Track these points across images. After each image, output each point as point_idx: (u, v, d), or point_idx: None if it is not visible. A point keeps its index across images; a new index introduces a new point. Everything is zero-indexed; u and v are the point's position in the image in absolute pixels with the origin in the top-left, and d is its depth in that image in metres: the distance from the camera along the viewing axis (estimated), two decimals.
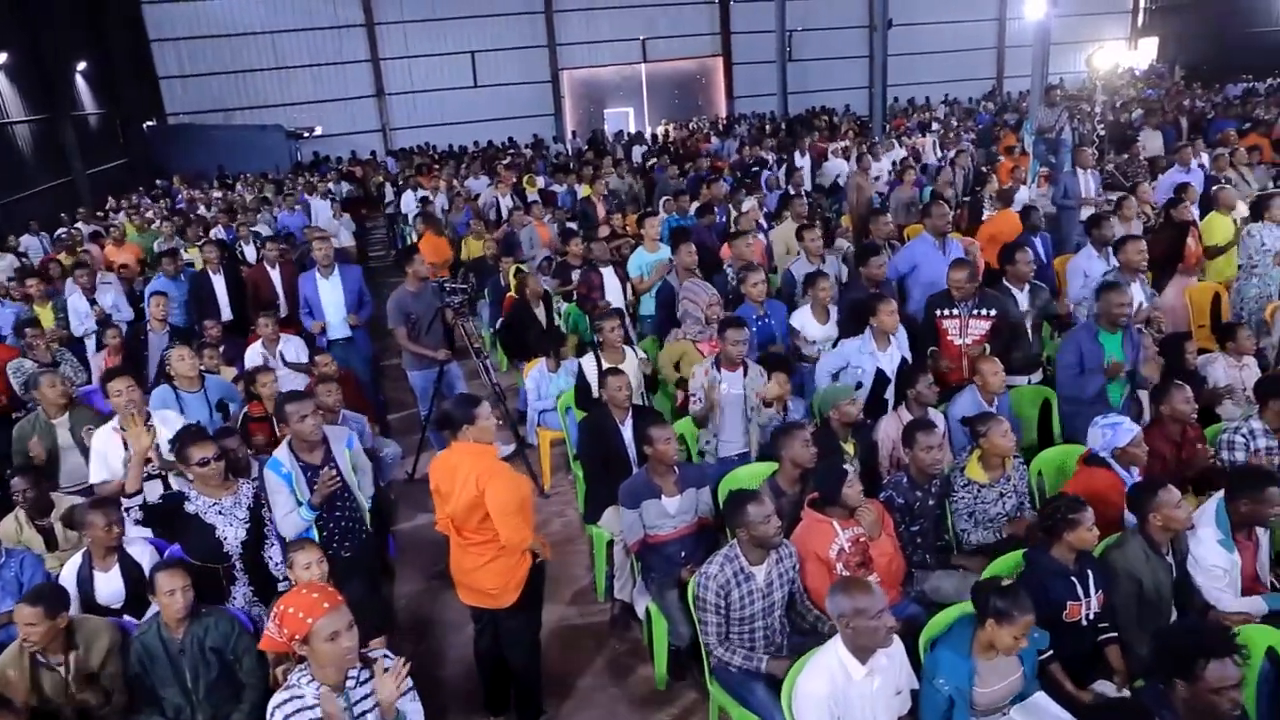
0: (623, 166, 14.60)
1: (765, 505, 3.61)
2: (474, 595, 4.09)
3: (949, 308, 5.56)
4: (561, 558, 5.93)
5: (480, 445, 3.93)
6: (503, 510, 3.77)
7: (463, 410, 3.93)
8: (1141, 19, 33.26)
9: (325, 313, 7.38)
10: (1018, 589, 3.21)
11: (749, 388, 5.08)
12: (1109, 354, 5.05)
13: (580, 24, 27.35)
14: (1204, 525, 3.89)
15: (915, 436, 4.21)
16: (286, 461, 4.18)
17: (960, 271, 5.46)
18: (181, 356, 5.48)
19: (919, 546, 4.26)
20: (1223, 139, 12.52)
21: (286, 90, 25.65)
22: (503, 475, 3.85)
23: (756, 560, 3.69)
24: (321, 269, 7.45)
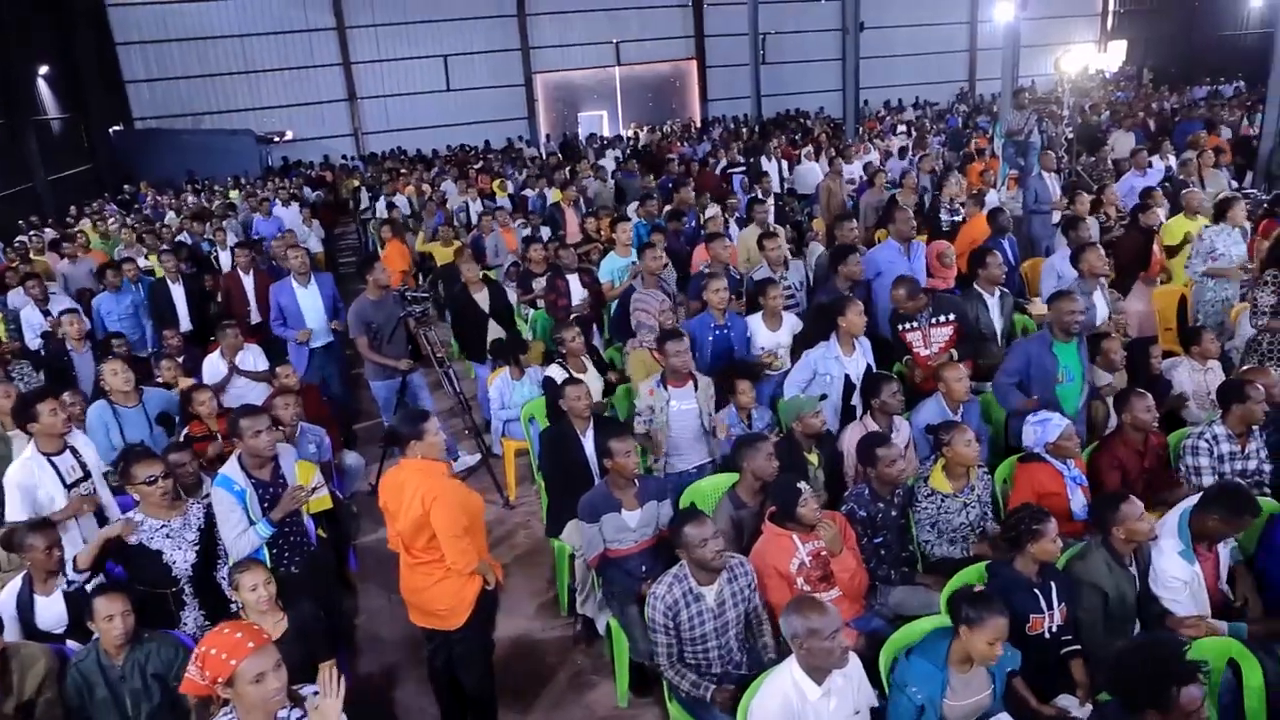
0: (602, 170, 14.48)
1: (704, 528, 3.51)
2: (424, 616, 3.99)
3: (908, 321, 5.54)
4: (526, 570, 5.85)
5: (428, 462, 3.82)
6: (447, 530, 3.68)
7: (410, 426, 3.83)
8: (1111, 22, 33.59)
9: (307, 320, 7.24)
10: (988, 595, 3.17)
11: (701, 400, 5.01)
12: (1063, 364, 4.98)
13: (553, 27, 27.23)
14: (1165, 536, 3.84)
15: (874, 453, 4.15)
16: (239, 478, 4.06)
17: (899, 289, 5.45)
18: (114, 371, 5.32)
19: (882, 559, 4.20)
20: (1192, 141, 12.61)
21: (256, 95, 25.36)
22: (449, 494, 3.74)
23: (705, 580, 3.61)
24: (298, 277, 7.29)
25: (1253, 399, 4.47)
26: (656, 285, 6.38)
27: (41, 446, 4.48)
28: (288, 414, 5.67)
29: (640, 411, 5.05)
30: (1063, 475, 4.32)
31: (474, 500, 3.98)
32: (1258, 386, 4.52)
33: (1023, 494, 4.31)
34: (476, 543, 3.89)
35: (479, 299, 7.54)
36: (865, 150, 15.67)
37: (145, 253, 10.46)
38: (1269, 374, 4.93)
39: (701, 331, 5.84)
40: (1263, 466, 4.65)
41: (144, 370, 7.30)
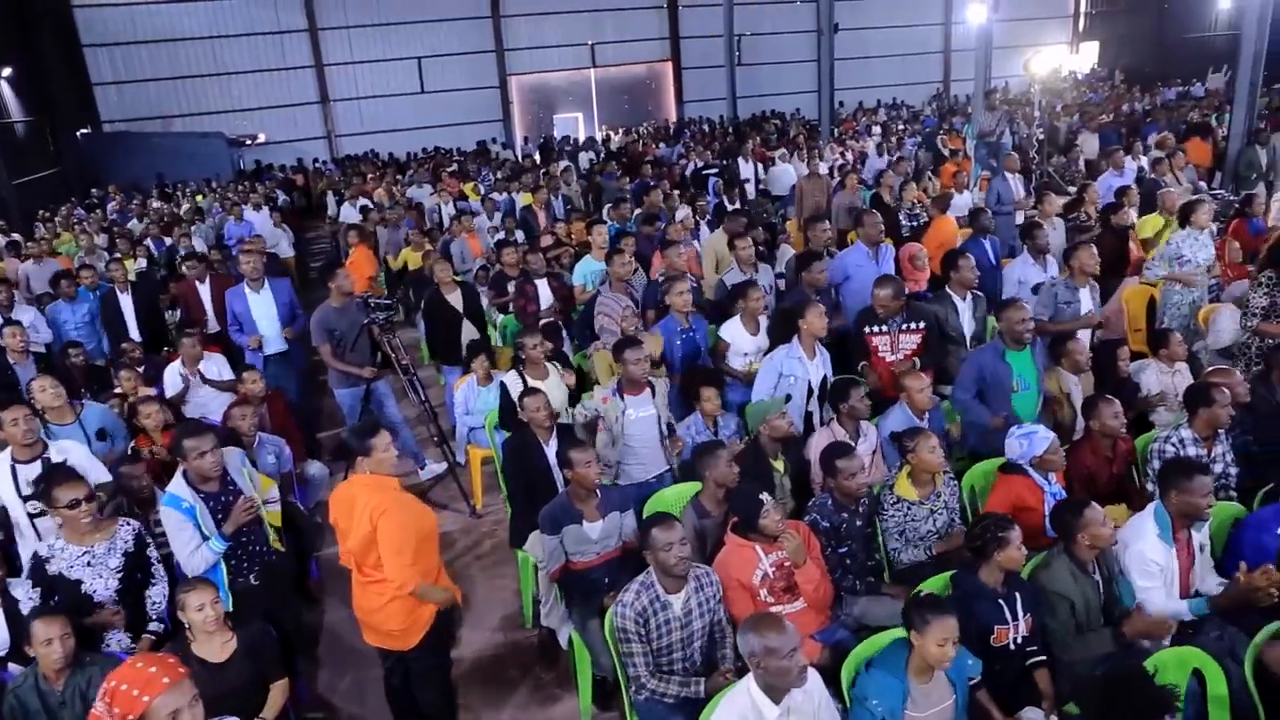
0: (569, 173, 14.37)
1: (672, 532, 3.44)
2: (377, 636, 3.89)
3: (877, 324, 5.46)
4: (491, 580, 5.76)
5: (378, 478, 3.72)
6: (390, 547, 3.58)
7: (359, 441, 3.72)
8: (1082, 24, 33.87)
9: (259, 327, 7.11)
10: (934, 597, 3.15)
11: (660, 406, 4.93)
12: (1018, 373, 4.94)
13: (528, 29, 27.10)
14: (1144, 520, 3.83)
15: (834, 464, 4.08)
16: (187, 495, 3.94)
17: (885, 289, 5.35)
18: (43, 387, 5.11)
19: (848, 569, 4.13)
20: (1160, 142, 12.69)
21: (228, 97, 25.06)
22: (397, 511, 3.63)
23: (673, 588, 3.53)
24: (251, 283, 7.18)
25: (1218, 403, 4.44)
26: (624, 290, 6.29)
27: (16, 454, 4.50)
28: (246, 424, 5.55)
29: (585, 407, 4.99)
30: (1043, 490, 4.25)
31: (426, 518, 3.87)
32: (1223, 390, 4.50)
33: (997, 503, 4.25)
34: (427, 562, 3.79)
35: (452, 300, 7.44)
36: (835, 151, 15.67)
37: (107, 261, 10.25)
38: (1234, 376, 4.91)
39: (669, 335, 5.76)
40: (1229, 470, 4.63)
41: (103, 380, 7.15)
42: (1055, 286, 5.81)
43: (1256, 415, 4.95)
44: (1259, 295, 5.49)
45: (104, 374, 7.44)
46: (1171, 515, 3.73)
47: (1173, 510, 3.72)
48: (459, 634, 5.17)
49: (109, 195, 18.77)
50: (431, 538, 3.89)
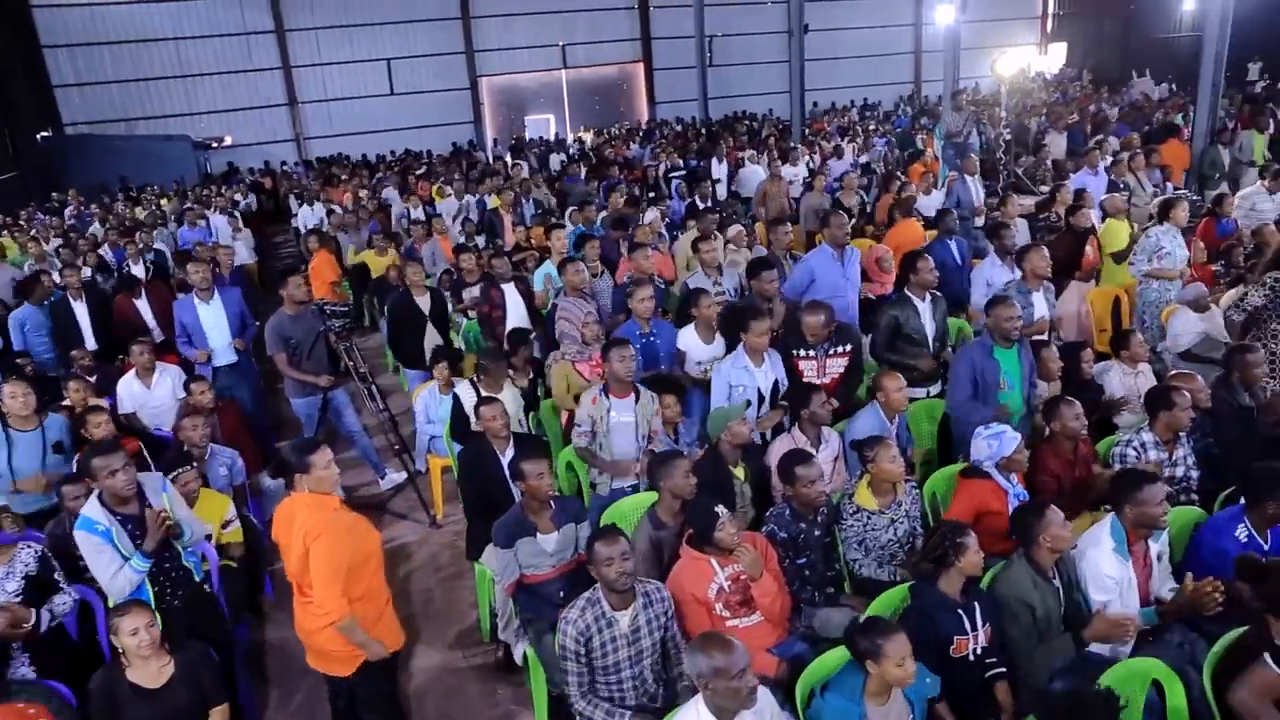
0: (538, 175, 14.24)
1: (614, 546, 3.34)
2: (318, 658, 3.76)
3: (805, 348, 5.31)
4: (450, 593, 5.64)
5: (317, 497, 3.59)
6: (322, 577, 3.47)
7: (297, 457, 3.59)
8: (1051, 25, 34.14)
9: (209, 339, 6.95)
10: (876, 619, 3.09)
11: (640, 414, 4.84)
12: (1004, 370, 4.91)
13: (498, 30, 26.88)
14: (1100, 531, 3.78)
15: (793, 472, 3.99)
16: (102, 517, 3.78)
17: (817, 316, 5.19)
18: (14, 394, 5.02)
19: (807, 580, 4.05)
20: (1125, 143, 12.76)
21: (193, 99, 24.65)
22: (331, 536, 3.50)
23: (619, 604, 3.43)
24: (200, 293, 7.02)
25: (1179, 406, 4.42)
26: (582, 298, 6.19)
27: None
28: (197, 434, 5.43)
29: (580, 422, 4.86)
30: (1007, 492, 4.20)
31: (367, 540, 3.74)
32: (1184, 393, 4.47)
33: (961, 509, 4.19)
34: (366, 586, 3.66)
35: (420, 303, 7.33)
36: (809, 152, 15.65)
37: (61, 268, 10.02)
38: (1195, 380, 4.88)
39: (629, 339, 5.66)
40: (1190, 473, 4.61)
41: (55, 391, 6.96)
42: (1010, 289, 5.77)
43: (1217, 418, 4.93)
44: (1257, 294, 5.43)
45: (57, 385, 7.25)
46: (1127, 527, 3.67)
47: (1128, 522, 3.67)
48: (415, 649, 5.06)
49: (68, 199, 18.41)
50: (375, 557, 3.76)
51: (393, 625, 3.93)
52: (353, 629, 3.64)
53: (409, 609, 5.46)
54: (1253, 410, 4.94)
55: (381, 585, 3.84)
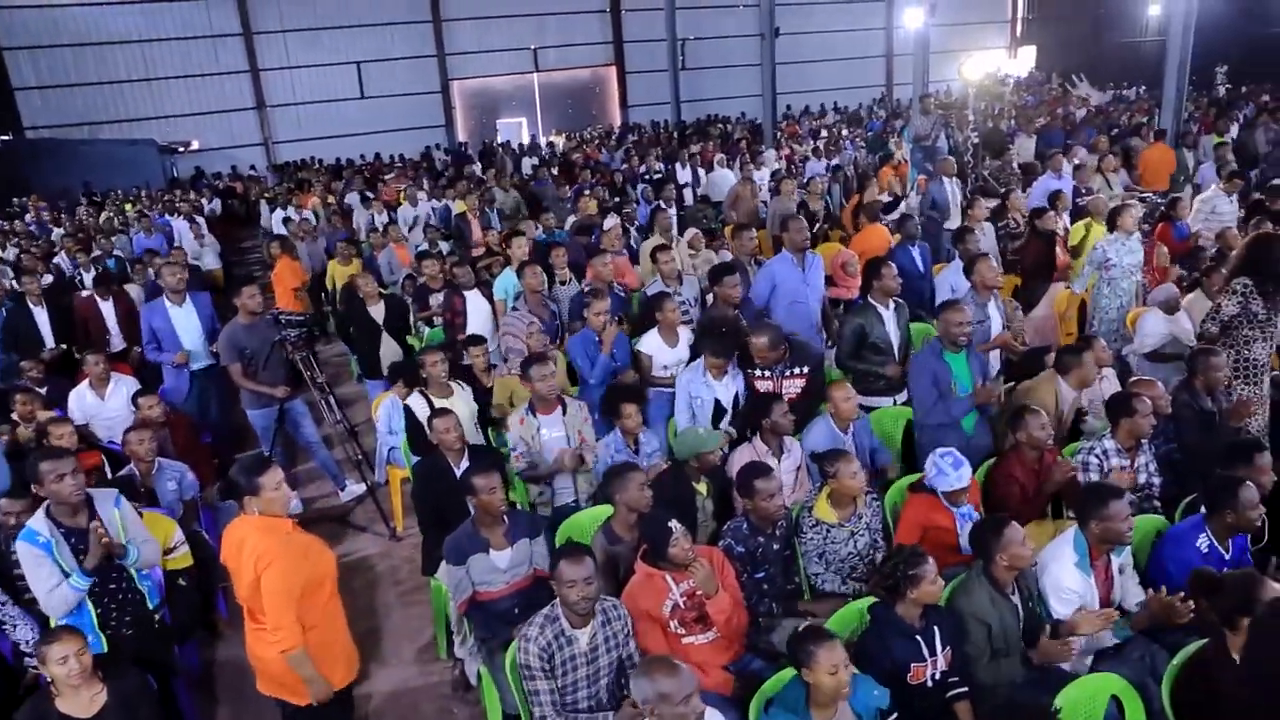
0: (506, 180, 14.10)
1: (580, 567, 3.24)
2: (270, 684, 3.63)
3: (761, 370, 5.14)
4: (409, 608, 5.51)
5: (267, 520, 3.46)
6: (276, 606, 3.34)
7: (245, 477, 3.45)
8: (1020, 28, 34.43)
9: (184, 342, 6.75)
10: (812, 628, 3.04)
11: (570, 426, 4.74)
12: (955, 375, 4.84)
13: (469, 33, 26.77)
14: (1062, 546, 3.72)
15: (753, 485, 3.90)
16: (44, 529, 3.64)
17: (761, 338, 4.98)
18: None
19: (765, 594, 3.97)
20: (1095, 145, 12.82)
21: (159, 103, 24.33)
22: (283, 562, 3.37)
23: (579, 623, 3.34)
24: (172, 296, 6.81)
25: (1140, 412, 4.38)
26: (541, 304, 6.09)
27: None
28: (143, 449, 5.25)
29: (514, 445, 4.75)
30: (951, 511, 4.13)
31: (320, 563, 3.61)
32: (1144, 400, 4.43)
33: (909, 524, 4.14)
34: (321, 611, 3.54)
35: (374, 313, 7.21)
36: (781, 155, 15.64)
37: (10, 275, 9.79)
38: (1155, 386, 4.85)
39: (587, 348, 5.58)
40: (1152, 480, 4.58)
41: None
42: (964, 303, 5.72)
43: (1179, 423, 4.90)
44: (1230, 303, 5.36)
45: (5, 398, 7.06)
46: (1091, 541, 3.62)
47: (1093, 537, 3.61)
48: (370, 666, 4.94)
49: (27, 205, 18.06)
50: (329, 579, 3.63)
51: (348, 654, 3.81)
52: (302, 662, 3.50)
53: (367, 624, 5.34)
54: (1214, 415, 4.92)
55: (337, 610, 3.71)
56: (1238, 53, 23.89)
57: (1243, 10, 25.25)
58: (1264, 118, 14.57)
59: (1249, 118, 14.78)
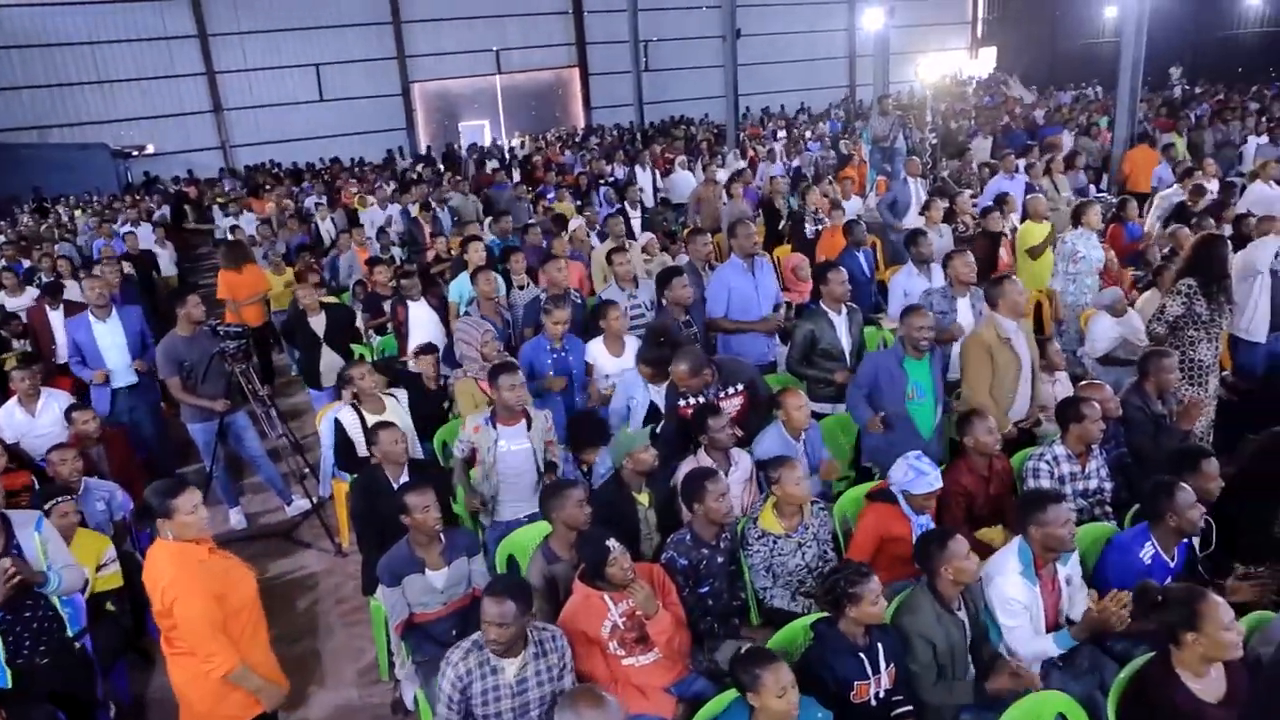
0: (464, 184, 13.90)
1: (500, 608, 3.07)
2: (190, 715, 3.47)
3: (691, 396, 4.82)
4: (351, 627, 5.34)
5: (181, 546, 3.30)
6: (197, 629, 3.20)
7: (159, 500, 3.30)
8: (980, 30, 34.75)
9: (106, 359, 6.54)
10: (754, 650, 2.94)
11: (535, 439, 4.61)
12: (914, 381, 4.78)
13: (430, 35, 26.48)
14: (1006, 556, 3.65)
15: (702, 487, 3.79)
16: None
17: (681, 365, 4.66)
18: None
19: (709, 610, 3.86)
20: (1050, 144, 12.89)
21: (112, 106, 23.82)
22: (198, 592, 3.23)
23: (506, 653, 3.21)
24: (96, 310, 6.58)
25: (1089, 418, 4.33)
26: (495, 310, 5.95)
27: None
28: (66, 470, 5.05)
29: (461, 440, 4.60)
30: (910, 520, 4.06)
31: (241, 588, 3.46)
32: (1093, 404, 4.38)
33: (866, 534, 4.05)
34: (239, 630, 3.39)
35: (314, 324, 7.02)
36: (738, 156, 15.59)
37: None
38: (1103, 389, 4.81)
39: (538, 357, 5.45)
40: (1104, 485, 4.53)
41: None
42: (932, 296, 5.68)
43: (1130, 426, 4.87)
44: (1175, 304, 5.35)
45: None
46: (1034, 549, 3.55)
47: (1035, 544, 3.54)
48: (310, 688, 4.78)
49: None
50: (250, 604, 3.49)
51: (274, 679, 3.67)
52: (247, 676, 3.43)
53: (308, 644, 5.20)
54: (1166, 417, 4.89)
55: (259, 633, 3.58)
56: (1192, 54, 24.26)
57: (1196, 12, 25.69)
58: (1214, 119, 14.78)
59: (1200, 118, 14.93)
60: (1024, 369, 5.00)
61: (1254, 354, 6.16)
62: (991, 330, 4.93)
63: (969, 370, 4.99)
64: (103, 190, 20.64)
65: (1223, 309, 5.27)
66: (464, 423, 4.74)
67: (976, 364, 4.93)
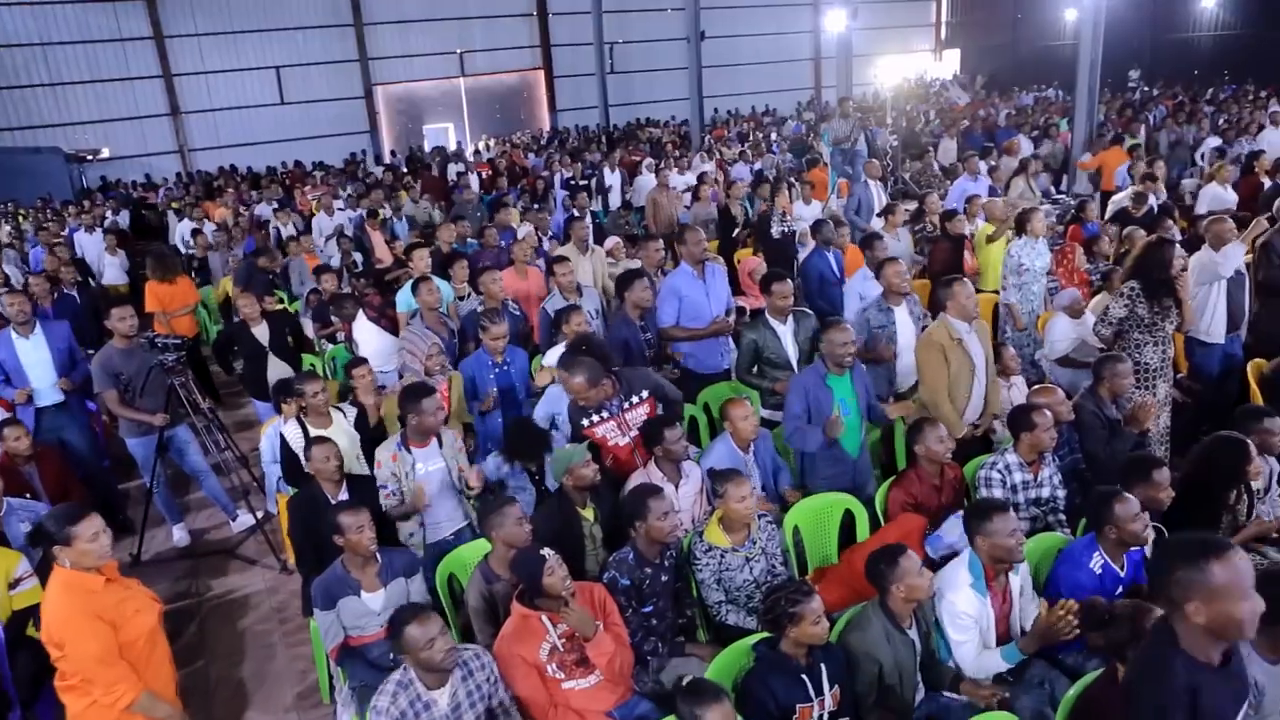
0: (415, 189, 13.68)
1: (429, 625, 2.98)
2: None
3: (593, 413, 4.57)
4: (293, 648, 5.17)
5: (77, 576, 3.14)
6: (89, 666, 3.04)
7: (56, 526, 3.14)
8: (944, 32, 35.00)
9: (29, 377, 6.29)
10: (695, 684, 2.84)
11: (448, 456, 4.49)
12: (839, 398, 4.63)
13: (393, 37, 26.13)
14: (957, 568, 3.58)
15: (645, 504, 3.67)
16: None
17: (577, 377, 4.41)
18: None
19: (653, 629, 3.74)
20: (1008, 148, 12.93)
21: (65, 109, 23.21)
22: (83, 624, 3.08)
23: (435, 683, 3.08)
24: (18, 327, 6.32)
25: (1040, 426, 4.27)
26: (439, 321, 5.80)
27: None
28: None
29: (384, 483, 4.41)
30: None
31: (138, 619, 3.31)
32: (1044, 413, 4.32)
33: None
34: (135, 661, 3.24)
35: (257, 333, 6.84)
36: (705, 158, 15.52)
37: None
38: (1055, 394, 4.76)
39: (480, 371, 5.31)
40: (1057, 493, 4.48)
41: None
42: (868, 311, 5.60)
43: (1083, 431, 4.82)
44: (1117, 306, 5.32)
45: None
46: (984, 561, 3.47)
47: (983, 555, 3.47)
48: (248, 713, 4.62)
49: None
50: (142, 640, 3.33)
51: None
52: (152, 705, 3.32)
53: (249, 665, 5.04)
54: (1120, 422, 4.85)
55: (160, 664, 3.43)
56: (1150, 56, 24.56)
57: (1154, 15, 26.04)
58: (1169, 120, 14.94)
59: (1158, 119, 15.09)
60: (978, 370, 4.94)
61: (1210, 355, 6.15)
62: (944, 330, 4.87)
63: (924, 371, 4.93)
64: (56, 195, 20.14)
65: (1167, 312, 5.25)
66: (377, 462, 4.48)
67: (932, 365, 4.86)
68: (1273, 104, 16.89)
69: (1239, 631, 2.25)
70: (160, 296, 8.30)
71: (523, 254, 7.19)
